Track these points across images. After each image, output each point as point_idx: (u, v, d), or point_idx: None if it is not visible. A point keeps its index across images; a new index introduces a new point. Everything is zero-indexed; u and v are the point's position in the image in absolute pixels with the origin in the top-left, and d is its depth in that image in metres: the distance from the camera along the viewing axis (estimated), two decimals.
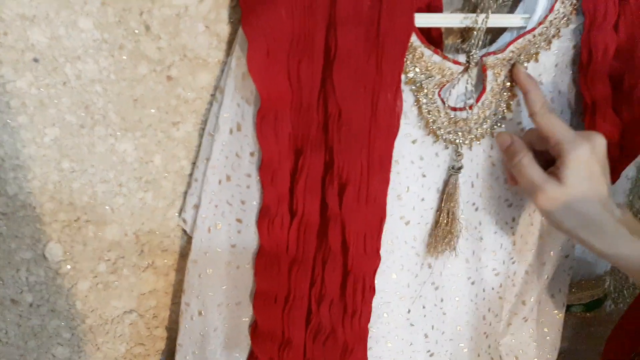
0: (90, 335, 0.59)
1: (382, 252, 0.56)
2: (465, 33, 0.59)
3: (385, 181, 0.52)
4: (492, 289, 0.67)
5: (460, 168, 0.57)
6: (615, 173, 0.65)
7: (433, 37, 0.56)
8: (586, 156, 0.49)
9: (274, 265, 0.53)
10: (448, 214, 0.57)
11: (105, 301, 0.58)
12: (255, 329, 0.57)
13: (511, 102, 0.57)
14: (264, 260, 0.53)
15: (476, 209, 0.61)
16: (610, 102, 0.58)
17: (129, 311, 0.60)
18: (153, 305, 0.61)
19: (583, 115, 0.61)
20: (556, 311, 0.74)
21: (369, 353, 0.60)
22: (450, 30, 0.60)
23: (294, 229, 0.51)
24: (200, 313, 0.56)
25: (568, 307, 0.85)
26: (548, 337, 0.75)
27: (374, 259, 0.54)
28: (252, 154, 0.50)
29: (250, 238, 0.54)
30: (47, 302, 0.56)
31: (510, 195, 0.63)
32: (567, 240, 0.69)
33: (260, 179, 0.50)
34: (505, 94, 0.57)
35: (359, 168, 0.49)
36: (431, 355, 0.65)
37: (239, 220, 0.53)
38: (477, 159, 0.59)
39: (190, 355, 0.57)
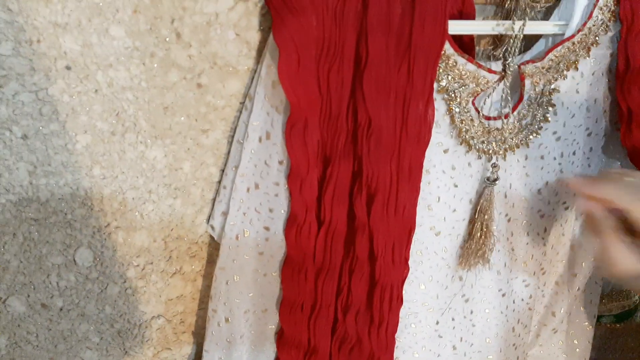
0: (119, 340, 0.60)
1: (410, 262, 0.55)
2: (498, 40, 0.58)
3: (415, 191, 0.51)
4: (522, 300, 0.65)
5: (496, 180, 0.55)
6: None
7: (465, 43, 0.55)
8: None
9: (300, 274, 0.52)
10: (482, 226, 0.56)
11: (133, 306, 0.59)
12: (281, 337, 0.57)
13: (548, 112, 0.56)
14: (291, 268, 0.52)
15: (508, 220, 0.59)
16: None
17: (157, 316, 0.61)
18: (180, 311, 0.62)
19: (619, 125, 0.59)
20: (586, 323, 0.72)
21: None
22: (481, 36, 0.59)
23: (321, 238, 0.51)
24: (227, 320, 0.56)
25: (598, 318, 0.83)
26: (577, 349, 0.73)
27: (402, 269, 0.53)
28: (280, 163, 0.50)
29: (277, 246, 0.53)
30: (76, 306, 0.56)
31: (543, 205, 0.61)
32: None
33: (288, 187, 0.50)
34: (543, 103, 0.55)
35: (388, 177, 0.48)
36: None
37: (266, 228, 0.53)
38: (510, 170, 0.57)
39: None
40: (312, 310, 0.54)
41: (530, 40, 0.57)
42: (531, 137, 0.56)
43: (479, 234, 0.56)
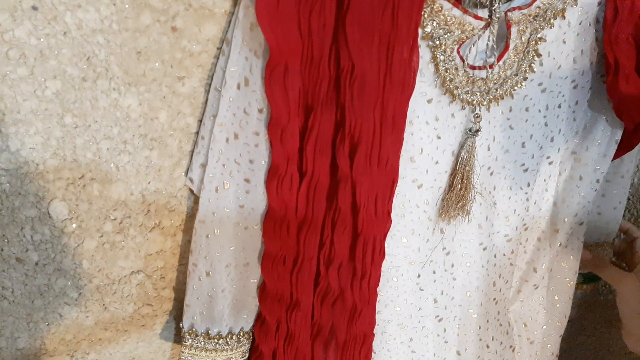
0: (98, 295, 0.59)
1: (393, 215, 0.54)
2: None
3: (399, 142, 0.50)
4: (504, 255, 0.66)
5: (477, 131, 0.55)
6: (634, 139, 0.63)
7: None
8: None
9: (282, 227, 0.51)
10: (463, 178, 0.55)
11: (112, 261, 0.58)
12: (263, 291, 0.56)
13: (534, 63, 0.55)
14: (272, 221, 0.51)
15: (491, 174, 0.59)
16: (634, 63, 0.55)
17: (136, 271, 0.60)
18: (160, 266, 0.61)
19: (605, 77, 0.58)
20: (567, 279, 0.73)
21: (377, 316, 0.60)
22: None
23: (304, 190, 0.50)
24: (207, 274, 0.55)
25: None
26: (558, 305, 0.74)
27: (385, 222, 0.52)
28: (260, 111, 0.48)
29: (258, 198, 0.52)
30: (52, 261, 0.55)
31: (527, 159, 0.60)
32: (582, 208, 0.67)
33: (268, 137, 0.49)
34: (529, 53, 0.54)
35: (372, 127, 0.47)
36: (440, 320, 0.64)
37: (247, 180, 0.52)
38: (494, 122, 0.56)
39: (197, 316, 0.57)
40: (295, 263, 0.53)
41: None
42: (516, 88, 0.55)
43: (459, 186, 0.55)
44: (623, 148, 0.64)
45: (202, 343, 0.57)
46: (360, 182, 0.49)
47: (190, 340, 0.57)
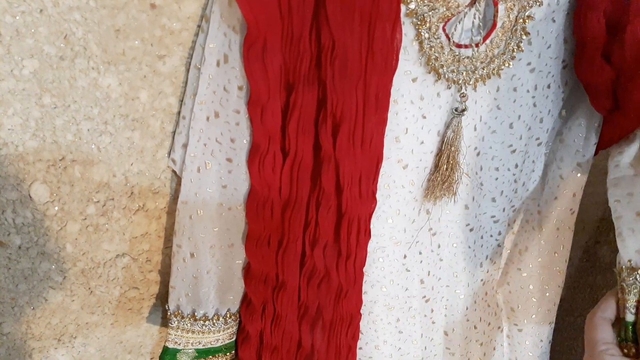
0: (83, 279, 0.59)
1: (378, 196, 0.54)
2: None
3: (383, 121, 0.49)
4: (491, 236, 0.65)
5: (463, 110, 0.54)
6: (611, 129, 0.60)
7: None
8: None
9: (266, 207, 0.51)
10: (449, 158, 0.55)
11: (96, 244, 0.57)
12: (248, 272, 0.56)
13: (522, 42, 0.54)
14: (255, 201, 0.51)
15: (478, 154, 0.58)
16: (601, 46, 0.53)
17: (122, 255, 0.59)
18: (146, 249, 0.60)
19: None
20: (557, 268, 0.71)
21: (363, 297, 0.60)
22: None
23: (287, 170, 0.49)
24: (192, 255, 0.55)
25: None
26: (547, 294, 0.73)
27: (370, 202, 0.52)
28: (240, 88, 0.48)
29: (241, 178, 0.52)
30: (35, 244, 0.54)
31: (515, 140, 0.60)
32: (573, 196, 0.66)
33: (249, 116, 0.48)
34: (517, 31, 0.53)
35: (354, 106, 0.47)
36: (427, 300, 0.64)
37: (229, 160, 0.51)
38: (481, 101, 0.56)
39: (183, 298, 0.57)
40: (279, 244, 0.53)
41: None
42: (503, 67, 0.54)
43: (445, 166, 0.55)
44: (604, 139, 0.61)
45: (189, 325, 0.57)
46: (344, 162, 0.49)
47: (176, 322, 0.57)
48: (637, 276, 0.48)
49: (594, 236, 0.97)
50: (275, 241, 0.53)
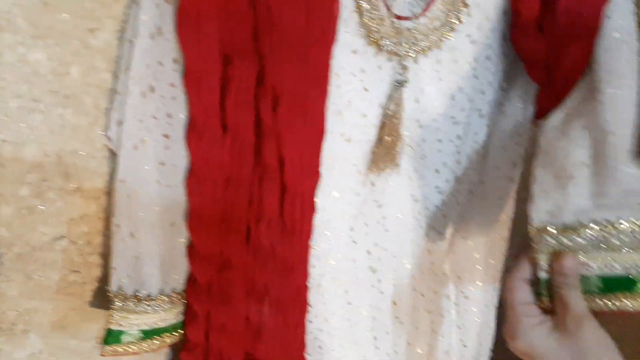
0: (19, 264, 0.56)
1: (321, 170, 0.54)
2: None
3: (324, 94, 0.49)
4: (436, 206, 0.67)
5: (404, 82, 0.54)
6: (546, 99, 0.61)
7: None
8: None
9: (207, 184, 0.50)
10: (391, 130, 0.55)
11: (31, 227, 0.55)
12: (192, 251, 0.55)
13: (461, 13, 0.54)
14: (196, 178, 0.50)
15: (420, 126, 0.59)
16: (535, 16, 0.53)
17: (59, 237, 0.57)
18: (85, 231, 0.58)
19: None
20: (500, 236, 0.74)
21: (311, 271, 0.60)
22: None
23: (227, 145, 0.48)
24: (132, 235, 0.53)
25: None
26: (492, 261, 0.76)
27: (313, 176, 0.52)
28: (175, 61, 0.46)
29: (180, 155, 0.50)
30: None
31: (457, 112, 0.61)
32: (514, 166, 0.67)
33: (185, 89, 0.47)
34: (456, 3, 0.53)
35: (294, 78, 0.46)
36: (374, 271, 0.65)
37: (166, 136, 0.50)
38: (422, 74, 0.56)
39: (125, 279, 0.55)
40: (223, 221, 0.52)
41: None
42: (444, 39, 0.55)
43: (388, 139, 0.55)
44: (540, 108, 0.62)
45: (132, 305, 0.56)
46: (286, 136, 0.48)
47: (119, 303, 0.56)
48: (547, 236, 0.51)
49: None
50: (218, 218, 0.52)
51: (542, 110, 0.62)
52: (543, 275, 0.52)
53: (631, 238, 0.49)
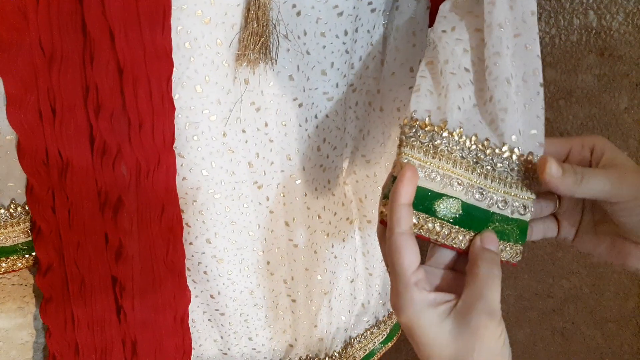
0: None
1: (178, 57, 0.47)
2: None
3: None
4: (327, 116, 0.61)
5: None
6: None
7: None
8: None
9: (20, 59, 0.41)
10: (257, 13, 0.48)
11: None
12: (20, 150, 0.47)
13: None
14: (6, 54, 0.41)
15: (298, 13, 0.52)
16: None
17: None
18: None
19: None
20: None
21: (183, 183, 0.53)
22: None
23: (43, 12, 0.40)
24: None
25: None
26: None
27: (160, 58, 0.44)
28: None
29: None
30: None
31: (341, 1, 0.54)
32: (410, 71, 0.62)
33: None
34: None
35: None
36: (259, 187, 0.59)
37: None
38: None
39: None
40: (53, 112, 0.44)
41: None
42: None
43: (254, 23, 0.48)
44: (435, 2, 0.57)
45: None
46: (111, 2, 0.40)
47: None
48: (422, 131, 0.43)
49: None
50: (46, 108, 0.44)
51: (437, 5, 0.56)
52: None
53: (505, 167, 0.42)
